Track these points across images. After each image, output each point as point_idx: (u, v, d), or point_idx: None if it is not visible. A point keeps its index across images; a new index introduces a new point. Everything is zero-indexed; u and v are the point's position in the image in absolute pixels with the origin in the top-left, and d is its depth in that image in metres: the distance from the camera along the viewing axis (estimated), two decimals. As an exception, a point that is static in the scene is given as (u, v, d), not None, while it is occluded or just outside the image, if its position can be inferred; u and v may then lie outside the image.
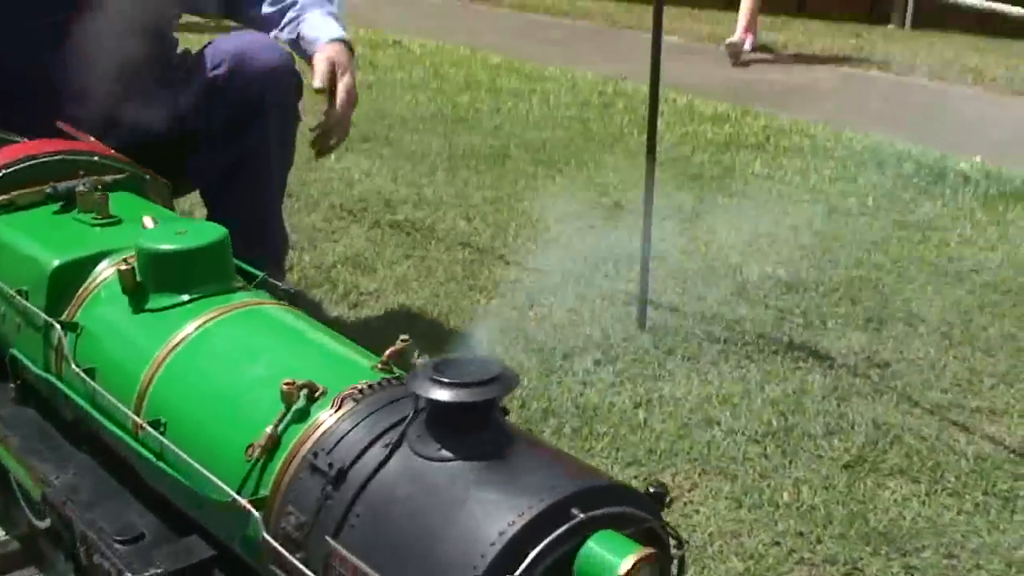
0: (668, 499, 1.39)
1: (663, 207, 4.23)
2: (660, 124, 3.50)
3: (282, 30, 2.72)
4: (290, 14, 2.72)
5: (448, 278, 3.71)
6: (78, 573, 1.87)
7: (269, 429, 1.45)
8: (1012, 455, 2.78)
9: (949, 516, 2.52)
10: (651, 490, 1.37)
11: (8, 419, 1.98)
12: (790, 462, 2.71)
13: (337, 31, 2.66)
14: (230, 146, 2.72)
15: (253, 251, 1.99)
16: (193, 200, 3.41)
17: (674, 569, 1.37)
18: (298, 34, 2.68)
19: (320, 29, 2.65)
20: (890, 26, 9.60)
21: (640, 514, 1.30)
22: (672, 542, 1.36)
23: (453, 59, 7.63)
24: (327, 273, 3.71)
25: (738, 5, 8.06)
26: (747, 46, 7.93)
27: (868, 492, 2.60)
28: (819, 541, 2.42)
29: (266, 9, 2.74)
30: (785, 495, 2.57)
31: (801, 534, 2.44)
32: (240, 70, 2.65)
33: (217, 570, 1.56)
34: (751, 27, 8.00)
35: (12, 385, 2.04)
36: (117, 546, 1.63)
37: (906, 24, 9.55)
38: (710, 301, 3.62)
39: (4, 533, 2.29)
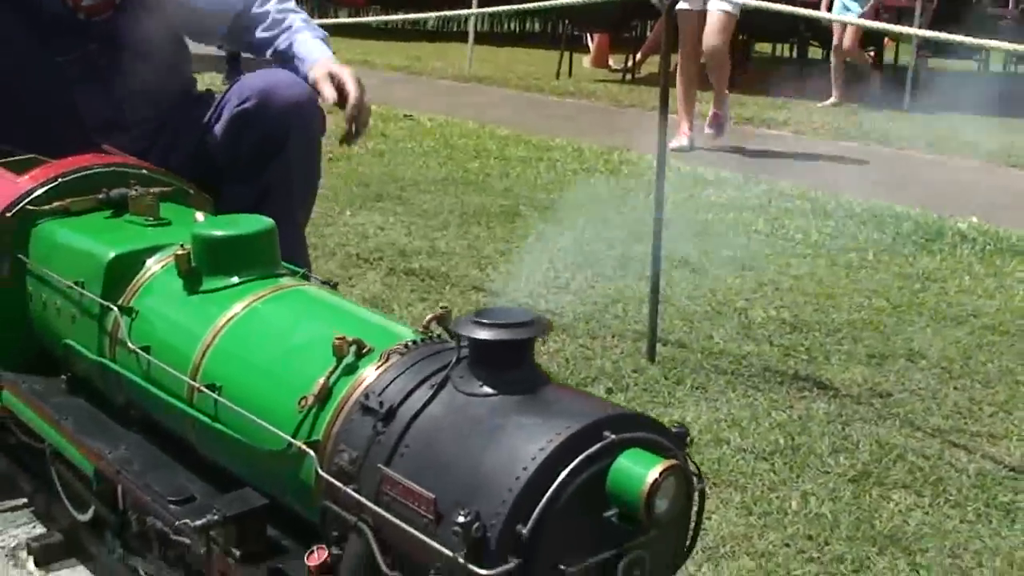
0: (689, 439, 1.50)
1: (670, 257, 4.38)
2: (666, 187, 3.65)
3: (276, 39, 2.90)
4: (285, 34, 2.91)
5: (463, 317, 3.83)
6: (126, 547, 1.98)
7: (321, 380, 1.57)
8: (1012, 472, 2.88)
9: (952, 524, 2.62)
10: (674, 429, 1.49)
11: (60, 406, 2.09)
12: (797, 476, 2.81)
13: (327, 52, 2.85)
14: (256, 177, 2.86)
15: None
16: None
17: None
18: (291, 43, 2.86)
19: (312, 50, 2.84)
20: (887, 109, 9.86)
21: (666, 443, 1.42)
22: (694, 478, 1.47)
23: (462, 131, 7.86)
24: (347, 313, 3.83)
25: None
26: (685, 142, 7.37)
27: (873, 503, 2.70)
28: (827, 543, 2.51)
29: (261, 34, 2.92)
30: (793, 504, 2.67)
31: (810, 537, 2.53)
32: (266, 104, 2.79)
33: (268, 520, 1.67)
34: (689, 117, 7.46)
35: (63, 377, 2.17)
36: (172, 506, 1.74)
37: (904, 106, 9.82)
38: (717, 339, 3.75)
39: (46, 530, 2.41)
